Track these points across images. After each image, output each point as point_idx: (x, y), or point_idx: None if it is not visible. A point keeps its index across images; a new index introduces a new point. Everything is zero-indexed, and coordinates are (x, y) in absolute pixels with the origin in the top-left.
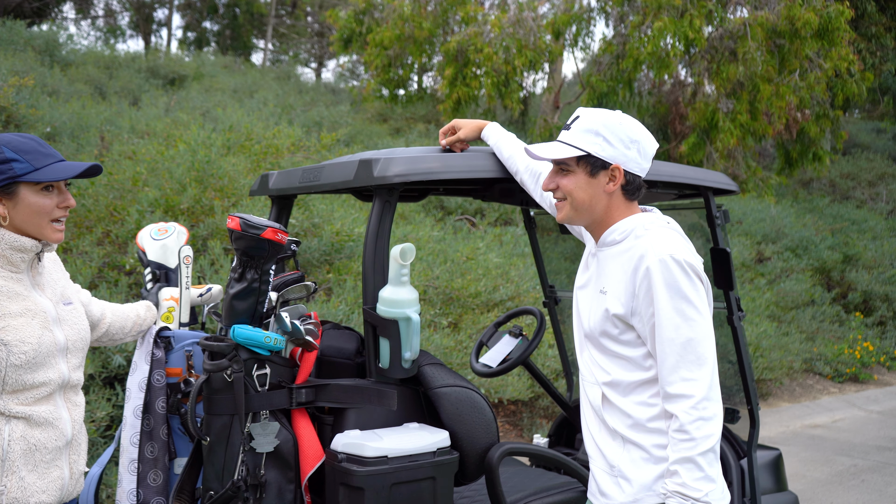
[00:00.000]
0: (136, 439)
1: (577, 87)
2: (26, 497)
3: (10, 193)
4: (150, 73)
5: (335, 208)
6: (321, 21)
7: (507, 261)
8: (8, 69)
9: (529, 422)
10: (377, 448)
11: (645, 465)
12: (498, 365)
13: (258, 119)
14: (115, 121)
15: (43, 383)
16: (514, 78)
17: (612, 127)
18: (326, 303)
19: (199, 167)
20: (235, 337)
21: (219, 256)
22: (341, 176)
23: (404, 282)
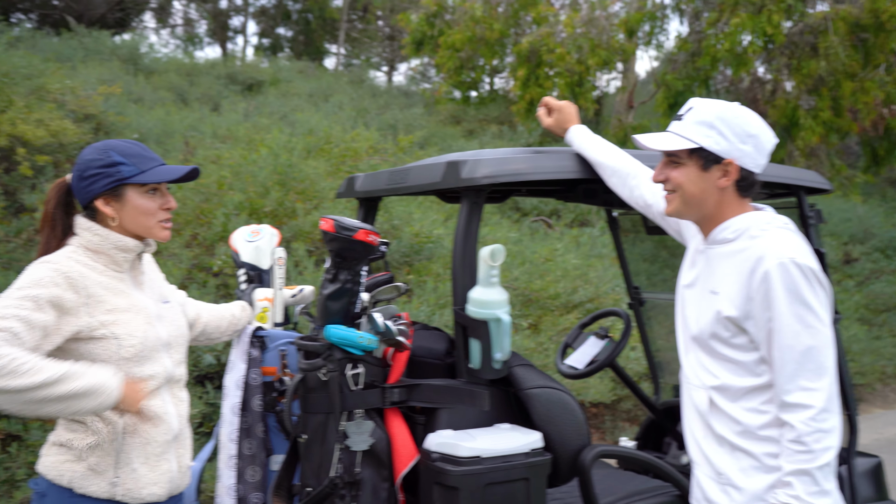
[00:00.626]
0: (234, 436)
1: (652, 86)
2: (139, 488)
3: (118, 196)
4: (229, 80)
5: (413, 210)
6: (392, 24)
7: (585, 262)
8: (96, 78)
9: (612, 425)
10: (471, 448)
11: (755, 474)
12: (585, 367)
13: (335, 123)
14: (198, 126)
15: (150, 376)
16: (588, 78)
17: (727, 120)
18: (408, 304)
19: (282, 170)
20: (330, 337)
21: (302, 258)
22: (429, 178)
23: (494, 283)
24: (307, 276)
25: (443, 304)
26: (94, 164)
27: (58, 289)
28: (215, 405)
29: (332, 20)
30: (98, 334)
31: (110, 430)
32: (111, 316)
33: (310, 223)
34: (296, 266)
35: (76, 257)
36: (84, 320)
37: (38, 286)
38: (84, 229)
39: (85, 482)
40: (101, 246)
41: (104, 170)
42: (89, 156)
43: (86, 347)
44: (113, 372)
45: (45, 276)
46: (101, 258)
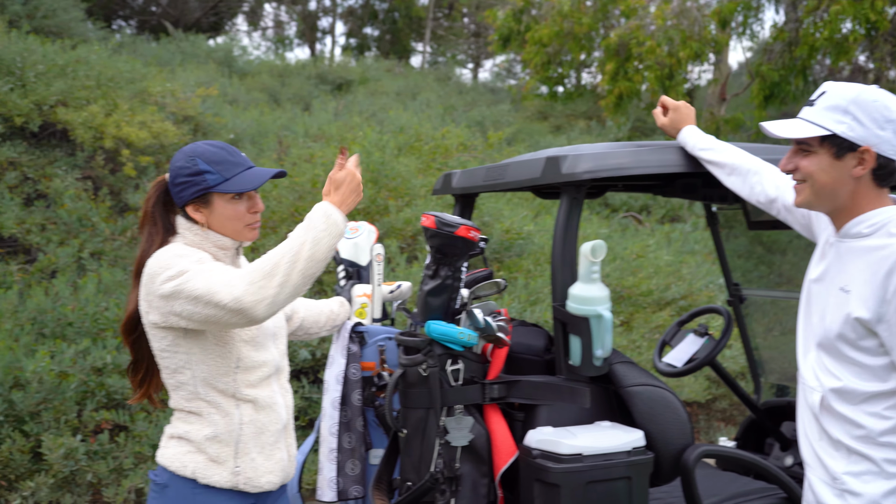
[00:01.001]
0: (334, 430)
1: (745, 78)
2: (258, 477)
3: (206, 202)
4: (319, 80)
5: (502, 207)
6: (478, 21)
7: (677, 258)
8: (194, 81)
9: (706, 424)
10: (572, 445)
11: (873, 480)
12: (683, 365)
13: (424, 120)
14: (290, 126)
15: (264, 363)
16: (679, 70)
17: (863, 104)
18: (499, 301)
19: (374, 168)
20: (430, 332)
21: (394, 254)
22: (527, 173)
23: (595, 279)
24: (399, 272)
25: (533, 300)
26: (183, 172)
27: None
28: (310, 399)
29: (418, 18)
30: None
31: (227, 420)
32: None
33: (402, 220)
34: (388, 262)
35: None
36: None
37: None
38: (185, 229)
39: (208, 472)
40: (202, 244)
41: (191, 178)
42: (178, 163)
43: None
44: None
45: (176, 254)
46: (203, 254)
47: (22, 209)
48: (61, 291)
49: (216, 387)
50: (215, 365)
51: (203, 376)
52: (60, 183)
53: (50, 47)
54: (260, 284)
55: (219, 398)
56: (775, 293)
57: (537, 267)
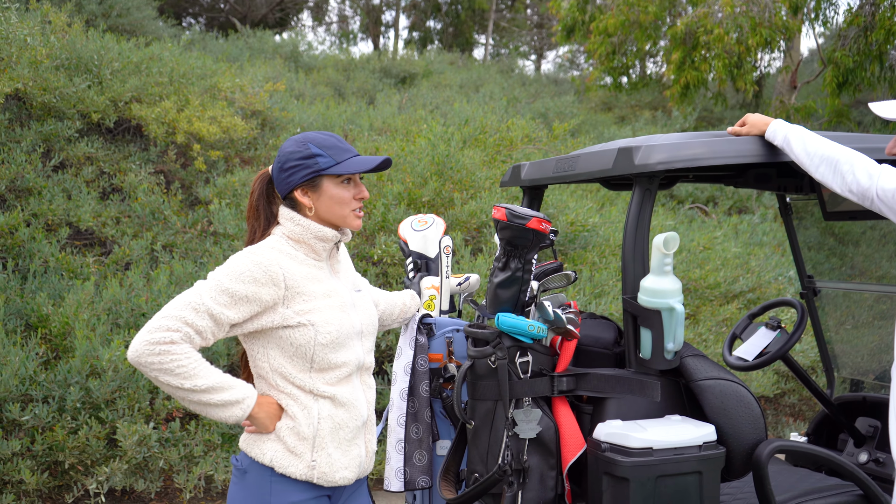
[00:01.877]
0: (402, 420)
1: (817, 65)
2: (333, 472)
3: (315, 186)
4: (383, 73)
5: (566, 199)
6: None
7: (745, 250)
8: (262, 76)
9: (774, 419)
10: (642, 439)
11: None
12: (755, 358)
13: (488, 112)
14: (356, 119)
15: (344, 363)
16: (747, 58)
17: None
18: (564, 293)
19: (439, 161)
20: (500, 324)
21: (459, 247)
22: (599, 165)
23: (667, 271)
24: (464, 264)
25: (598, 293)
26: (294, 156)
27: (256, 285)
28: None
29: (480, 11)
30: (294, 322)
31: (305, 413)
32: (309, 304)
33: (467, 213)
34: (453, 255)
35: (279, 247)
36: (279, 313)
37: (239, 280)
38: (287, 219)
39: (285, 462)
40: (302, 235)
41: (303, 161)
42: (289, 148)
43: (284, 332)
44: (253, 390)
45: (247, 271)
46: (301, 247)
47: (98, 203)
48: (135, 283)
49: (293, 382)
50: (290, 362)
51: (280, 370)
52: (134, 177)
53: (125, 45)
54: (158, 360)
55: (297, 392)
56: (850, 285)
57: (602, 259)
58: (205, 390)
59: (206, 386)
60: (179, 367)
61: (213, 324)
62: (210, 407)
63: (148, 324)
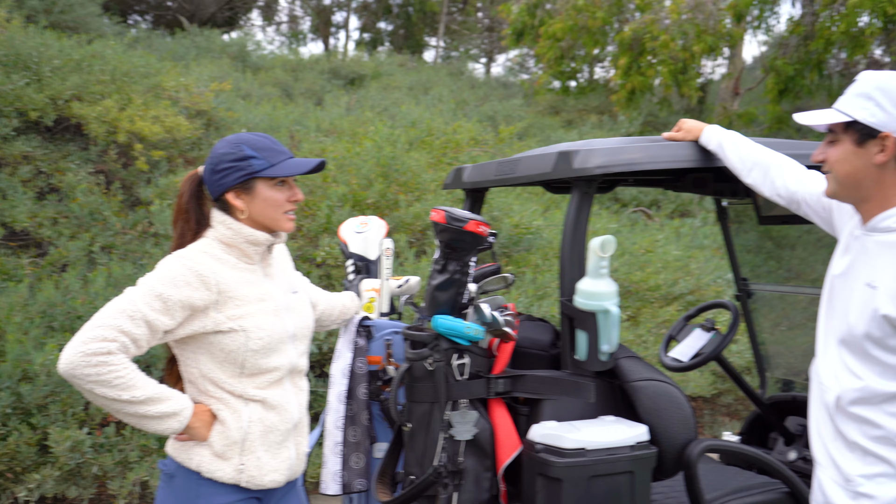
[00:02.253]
0: (339, 423)
1: (759, 72)
2: (262, 475)
3: (248, 188)
4: (332, 74)
5: (511, 201)
6: (492, 16)
7: (685, 253)
8: (208, 75)
9: (711, 419)
10: (575, 440)
11: (889, 483)
12: (689, 360)
13: (436, 115)
14: (303, 121)
15: (275, 368)
16: (692, 65)
17: (887, 89)
18: (507, 295)
19: (384, 163)
20: (437, 327)
21: (403, 249)
22: (539, 168)
23: (603, 274)
24: (408, 266)
25: (541, 295)
26: (228, 157)
27: (189, 289)
28: (316, 393)
29: (432, 13)
30: (226, 328)
31: (235, 417)
32: (240, 309)
33: (411, 215)
34: (397, 257)
35: (210, 251)
36: (211, 317)
37: (172, 285)
38: (219, 223)
39: (212, 466)
40: (234, 240)
41: (236, 163)
42: (222, 149)
43: (215, 339)
44: (189, 401)
45: (180, 275)
46: (233, 251)
47: (35, 203)
48: (71, 285)
49: (223, 387)
50: (220, 368)
51: (210, 376)
52: (73, 177)
53: (66, 42)
54: (94, 371)
55: (227, 396)
56: (783, 288)
57: (545, 262)
58: (143, 401)
59: (144, 397)
60: (118, 379)
61: (149, 331)
62: (147, 419)
63: (80, 334)
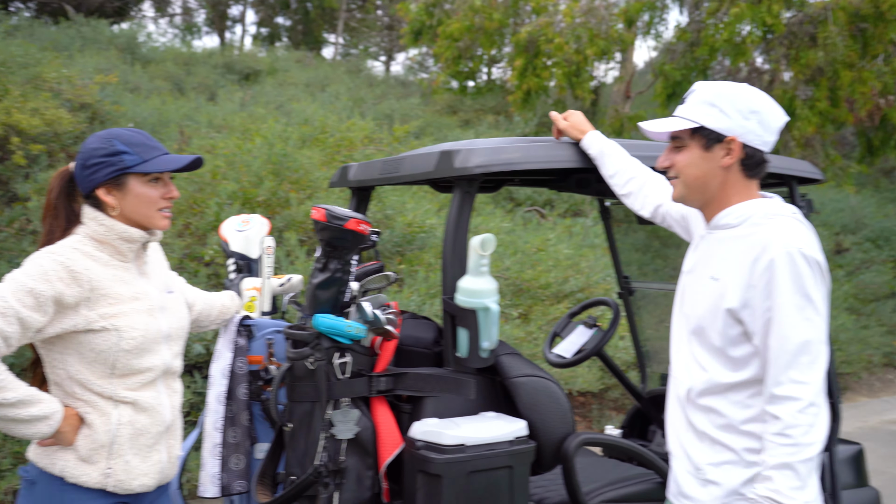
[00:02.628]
0: (219, 424)
1: (649, 76)
2: (130, 479)
3: (120, 185)
4: (226, 69)
5: (406, 200)
6: (391, 14)
7: (577, 252)
8: (93, 67)
9: (599, 413)
10: (455, 436)
11: (733, 469)
12: (572, 356)
13: (331, 112)
14: (194, 116)
15: (148, 368)
16: (585, 68)
17: (728, 96)
18: (399, 293)
19: (276, 160)
20: (318, 326)
21: (294, 248)
22: (422, 167)
23: (483, 272)
24: (298, 265)
25: (434, 293)
26: (98, 153)
27: (61, 284)
28: (204, 394)
29: (330, 10)
30: (98, 326)
31: (103, 420)
32: (113, 308)
33: (303, 213)
34: (287, 255)
35: (81, 248)
36: (83, 315)
37: (43, 280)
38: (90, 219)
39: (77, 471)
40: (106, 236)
41: (107, 158)
42: (93, 145)
43: (85, 338)
44: (60, 405)
45: (51, 271)
46: (106, 248)
47: None
48: None
49: (92, 388)
50: (89, 369)
51: (77, 377)
52: None
53: None
54: None
55: (95, 399)
56: (660, 285)
57: (438, 260)
58: (13, 404)
59: (15, 399)
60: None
61: (21, 329)
62: (16, 423)
63: None
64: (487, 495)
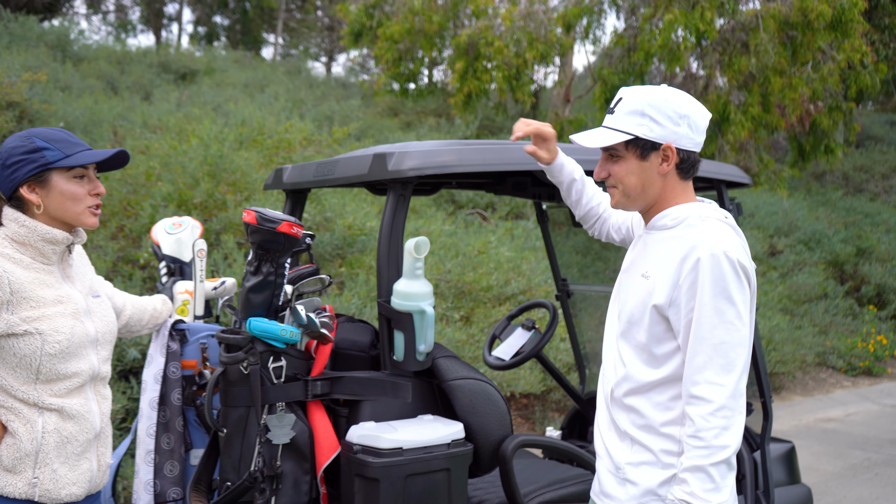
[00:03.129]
0: (152, 431)
1: (589, 81)
2: (58, 489)
3: (43, 182)
4: (162, 68)
5: (346, 202)
6: (331, 15)
7: (518, 254)
8: (21, 65)
9: (541, 415)
10: (392, 440)
11: (651, 470)
12: (511, 358)
13: (270, 114)
14: (128, 116)
15: (75, 374)
16: (525, 71)
17: (657, 104)
18: (339, 296)
19: (212, 162)
20: (252, 329)
21: (232, 250)
22: (356, 170)
23: (418, 275)
24: (237, 268)
25: (374, 296)
26: (17, 150)
27: None
28: (139, 400)
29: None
30: (20, 330)
31: (28, 428)
32: (36, 311)
33: (240, 215)
34: (225, 259)
35: (1, 250)
36: (4, 319)
37: None
38: (10, 220)
39: (1, 482)
40: (28, 238)
41: (28, 156)
42: (11, 143)
43: (7, 342)
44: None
45: None
46: (28, 250)
47: None
48: None
49: (15, 395)
50: (13, 374)
51: (1, 384)
52: None
53: None
54: None
55: (19, 406)
56: (598, 287)
57: None
58: None
59: None
60: None
61: None
62: None
63: None
64: (426, 498)
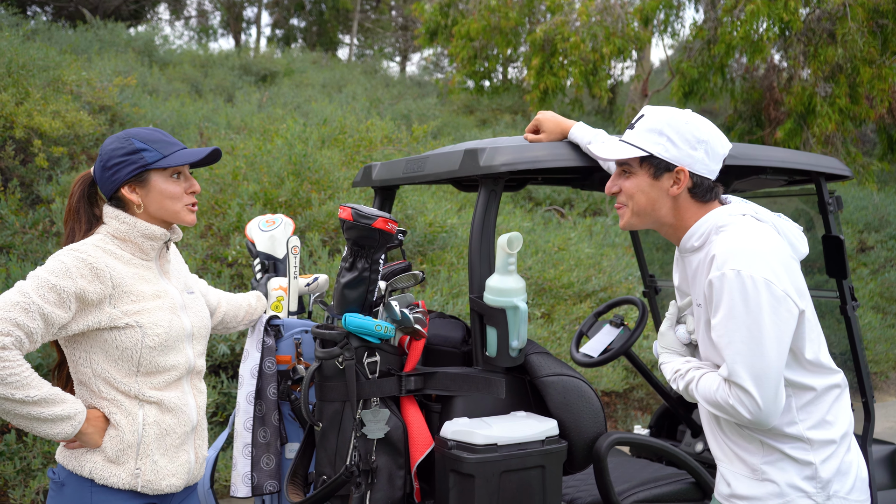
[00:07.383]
0: (249, 424)
1: (666, 75)
2: (159, 480)
3: (142, 182)
4: (243, 71)
5: (426, 200)
6: (406, 15)
7: (598, 251)
8: (112, 70)
9: (624, 413)
10: (487, 436)
11: (789, 466)
12: (599, 355)
13: (349, 113)
14: (212, 117)
15: (173, 367)
16: (602, 66)
17: (677, 126)
18: (421, 293)
19: (296, 161)
20: (347, 325)
21: (317, 248)
22: (446, 166)
23: (511, 270)
24: (321, 265)
25: (456, 293)
26: (118, 152)
27: (83, 280)
28: (229, 395)
29: (345, 10)
30: (122, 324)
31: (129, 420)
32: (136, 305)
33: (324, 213)
34: (310, 256)
35: (103, 246)
36: (106, 312)
37: (65, 276)
38: (111, 217)
39: (106, 473)
40: (129, 234)
41: (127, 157)
42: (111, 145)
43: (109, 335)
44: (83, 406)
45: (73, 267)
46: (128, 246)
47: None
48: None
49: (117, 387)
50: (115, 366)
51: (103, 376)
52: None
53: None
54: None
55: (121, 398)
56: None
57: (460, 260)
58: (37, 402)
59: (38, 397)
60: (12, 376)
61: (44, 325)
62: (39, 422)
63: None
64: (520, 495)
